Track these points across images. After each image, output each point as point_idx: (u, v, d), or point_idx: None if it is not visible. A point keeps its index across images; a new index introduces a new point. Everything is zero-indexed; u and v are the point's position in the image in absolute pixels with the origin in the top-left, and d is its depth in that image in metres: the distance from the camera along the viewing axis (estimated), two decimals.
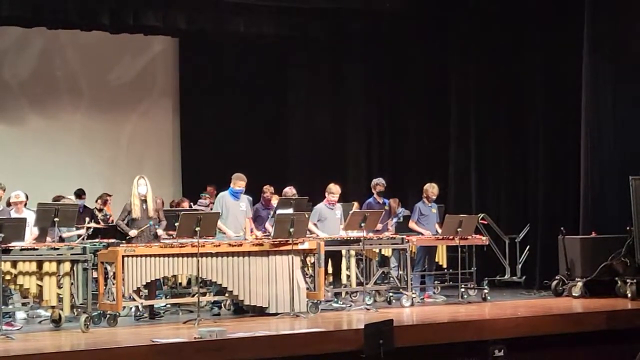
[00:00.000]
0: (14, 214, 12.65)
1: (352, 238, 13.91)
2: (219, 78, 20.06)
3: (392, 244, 14.41)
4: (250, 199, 14.30)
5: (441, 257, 14.74)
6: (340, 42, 19.28)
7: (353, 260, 14.01)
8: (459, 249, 14.61)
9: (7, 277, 11.53)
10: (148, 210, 12.94)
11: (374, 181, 15.24)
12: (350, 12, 18.03)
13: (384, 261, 14.77)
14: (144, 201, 12.96)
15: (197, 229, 12.24)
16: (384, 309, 13.68)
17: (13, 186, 13.65)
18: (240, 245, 12.88)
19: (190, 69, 20.65)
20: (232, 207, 13.34)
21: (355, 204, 15.51)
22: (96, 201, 16.75)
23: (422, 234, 14.72)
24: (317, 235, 13.79)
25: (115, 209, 17.75)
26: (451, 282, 15.03)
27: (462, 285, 14.53)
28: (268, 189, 15.29)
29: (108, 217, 16.58)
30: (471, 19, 17.49)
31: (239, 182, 13.39)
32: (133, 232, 12.79)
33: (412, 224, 14.97)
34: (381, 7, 17.71)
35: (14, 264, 11.57)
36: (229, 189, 13.50)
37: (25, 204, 13.19)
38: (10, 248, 11.51)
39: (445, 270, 15.05)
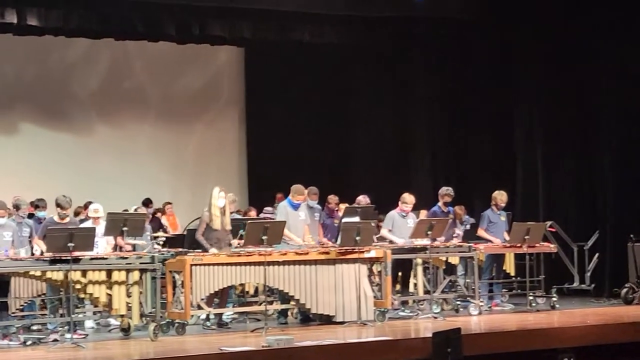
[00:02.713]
0: (89, 224, 12.78)
1: (419, 246, 13.86)
2: (284, 87, 20.12)
3: (459, 252, 14.34)
4: (320, 207, 14.34)
5: (509, 265, 14.62)
6: (403, 49, 19.23)
7: (420, 269, 13.97)
8: (527, 257, 14.48)
9: (78, 286, 11.66)
10: (225, 223, 12.98)
11: (443, 190, 15.08)
12: (413, 19, 17.98)
13: (451, 269, 14.68)
14: (223, 213, 13.00)
15: (264, 237, 12.29)
16: (452, 317, 13.61)
17: (81, 196, 13.88)
18: (307, 253, 12.90)
19: (256, 78, 20.74)
20: (292, 217, 13.37)
21: (423, 212, 15.44)
22: (154, 213, 16.90)
23: (491, 242, 14.61)
24: (392, 242, 13.77)
25: (180, 218, 17.96)
26: (519, 290, 14.90)
27: (530, 294, 14.41)
28: (332, 199, 15.29)
29: (165, 226, 16.76)
30: (536, 20, 17.33)
31: (297, 196, 13.45)
32: (213, 251, 12.79)
33: (481, 232, 14.88)
34: (444, 13, 17.65)
35: (84, 273, 11.70)
36: (287, 200, 13.56)
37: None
38: (80, 257, 11.64)
39: (513, 278, 14.92)
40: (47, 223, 12.68)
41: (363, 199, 15.19)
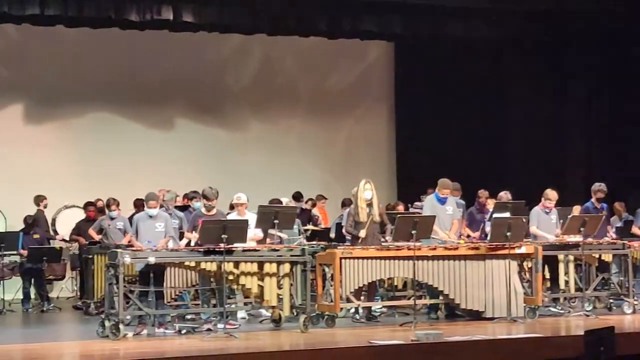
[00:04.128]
0: (235, 216, 13.03)
1: (570, 243, 13.62)
2: (434, 82, 20.02)
3: (612, 249, 14.00)
4: (463, 202, 14.23)
5: None
6: (558, 43, 18.89)
7: (571, 266, 13.72)
8: None
9: (230, 277, 11.88)
10: (373, 215, 13.04)
11: (596, 186, 14.74)
12: (566, 12, 17.66)
13: (603, 267, 14.35)
14: (370, 205, 13.06)
15: (413, 231, 12.28)
16: (604, 315, 13.31)
17: (234, 189, 14.07)
18: (456, 248, 12.84)
19: (406, 73, 20.72)
20: (439, 211, 13.30)
21: (576, 208, 15.14)
22: (306, 202, 17.05)
23: None
24: (542, 238, 13.59)
25: (329, 212, 18.10)
26: None
27: None
28: (483, 193, 15.17)
29: (317, 218, 16.89)
30: None
31: (443, 189, 13.38)
32: (362, 233, 12.87)
33: (635, 229, 14.52)
34: (597, 7, 17.26)
35: (237, 264, 11.92)
36: (434, 194, 13.51)
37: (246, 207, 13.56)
38: (233, 249, 11.86)
39: None
40: (195, 215, 12.97)
41: (504, 195, 15.01)
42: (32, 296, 15.91)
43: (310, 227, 15.50)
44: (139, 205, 15.98)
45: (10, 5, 15.57)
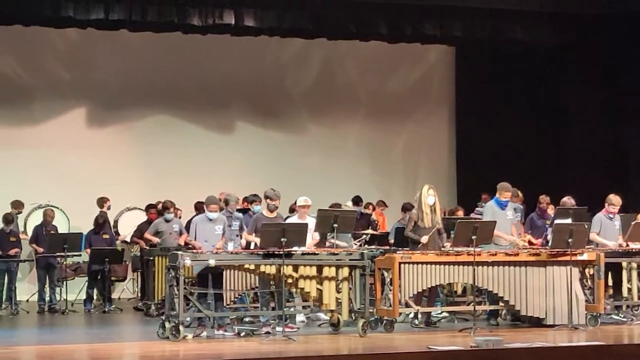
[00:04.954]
0: (295, 219, 13.06)
1: (634, 250, 13.45)
2: (495, 86, 19.89)
3: None
4: (521, 207, 14.12)
5: None
6: (619, 47, 18.66)
7: (635, 273, 13.55)
8: None
9: (289, 280, 11.91)
10: (435, 221, 12.99)
11: None
12: (629, 16, 17.44)
13: None
14: (433, 211, 13.02)
15: (473, 237, 12.23)
16: None
17: (292, 192, 14.12)
18: (517, 254, 12.74)
19: (466, 77, 20.61)
20: (499, 216, 13.21)
21: None
22: (366, 207, 17.04)
23: None
24: (604, 246, 13.44)
25: (388, 216, 18.06)
26: None
27: None
28: (544, 199, 15.05)
29: (376, 223, 16.87)
30: None
31: (504, 192, 13.29)
32: (424, 239, 12.83)
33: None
34: None
35: (296, 267, 11.94)
36: (494, 198, 13.42)
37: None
38: (292, 252, 11.89)
39: None
40: (256, 217, 13.02)
41: (568, 200, 14.86)
42: (94, 297, 16.10)
43: (369, 231, 15.48)
44: (199, 208, 16.09)
45: (75, 9, 15.77)
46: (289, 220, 12.97)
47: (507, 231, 13.26)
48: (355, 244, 14.26)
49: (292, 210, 14.32)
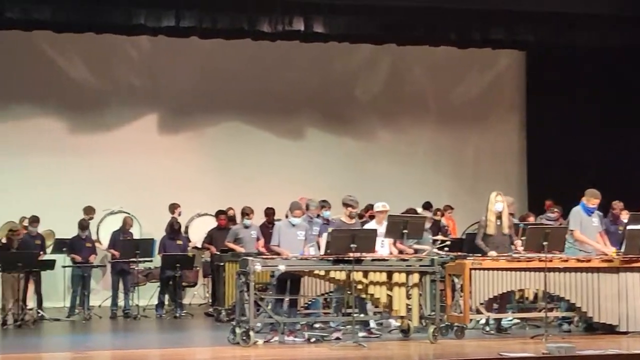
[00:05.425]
0: (373, 225, 13.05)
1: None
2: (566, 91, 19.65)
3: None
4: (601, 214, 13.94)
5: None
6: None
7: None
8: None
9: (359, 286, 11.90)
10: (503, 227, 12.89)
11: None
12: None
13: None
14: (499, 218, 12.91)
15: (545, 243, 12.11)
16: None
17: (362, 198, 14.07)
18: (589, 261, 12.59)
19: (537, 82, 20.41)
20: (585, 222, 13.04)
21: None
22: (435, 213, 16.97)
23: None
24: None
25: (459, 222, 17.97)
26: None
27: None
28: (617, 205, 14.87)
29: (446, 228, 16.78)
30: None
31: (593, 199, 13.09)
32: (492, 254, 12.71)
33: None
34: None
35: (366, 273, 11.93)
36: (581, 204, 13.21)
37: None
38: (362, 258, 11.88)
39: None
40: (335, 224, 13.02)
41: None
42: (166, 302, 16.25)
43: (439, 237, 15.41)
44: (269, 214, 16.20)
45: (147, 17, 15.95)
46: (366, 227, 12.99)
47: (592, 238, 13.08)
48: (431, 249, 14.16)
49: (361, 216, 14.30)
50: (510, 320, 13.57)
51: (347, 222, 12.71)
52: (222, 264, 14.76)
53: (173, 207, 17.24)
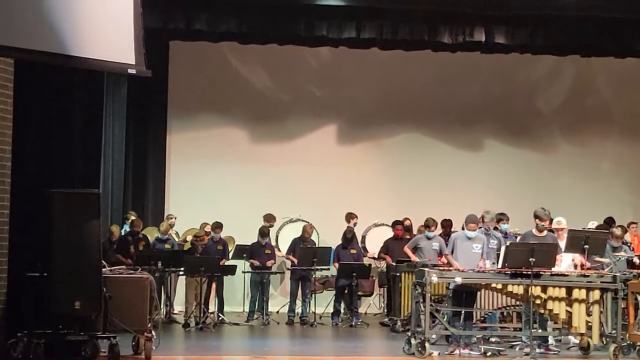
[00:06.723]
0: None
1: None
2: None
3: None
4: None
5: None
6: None
7: None
8: None
9: (537, 301, 11.70)
10: None
11: None
12: None
13: None
14: None
15: None
16: None
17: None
18: None
19: None
20: None
21: None
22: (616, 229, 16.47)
23: None
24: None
25: None
26: None
27: None
28: None
29: (629, 244, 16.28)
30: None
31: None
32: None
33: None
34: None
35: (544, 288, 11.72)
36: None
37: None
38: (541, 273, 11.67)
39: None
40: (525, 235, 12.84)
41: None
42: (342, 311, 16.37)
43: (622, 254, 14.96)
44: (446, 225, 16.11)
45: (329, 29, 16.15)
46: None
47: None
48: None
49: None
50: None
51: (537, 234, 12.49)
52: (398, 274, 14.76)
53: (349, 217, 17.37)
